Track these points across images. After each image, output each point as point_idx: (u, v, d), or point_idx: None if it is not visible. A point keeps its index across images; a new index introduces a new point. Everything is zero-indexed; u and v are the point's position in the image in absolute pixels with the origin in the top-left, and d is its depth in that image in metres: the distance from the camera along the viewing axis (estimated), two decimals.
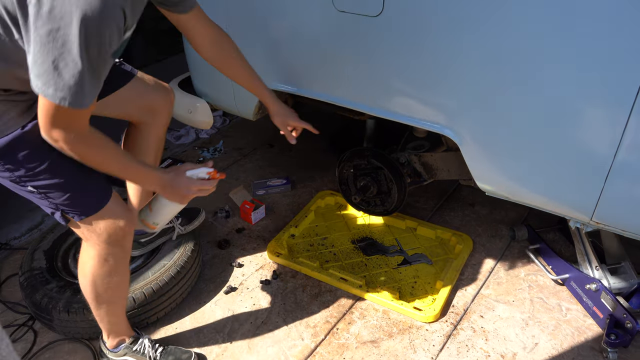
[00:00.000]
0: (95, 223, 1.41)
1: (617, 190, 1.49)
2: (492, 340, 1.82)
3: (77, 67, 1.04)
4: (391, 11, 1.63)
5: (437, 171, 2.16)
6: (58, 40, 1.01)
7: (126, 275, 1.57)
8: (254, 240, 2.31)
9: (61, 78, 1.05)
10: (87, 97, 1.11)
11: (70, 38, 1.01)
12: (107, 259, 1.47)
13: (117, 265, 1.50)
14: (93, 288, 1.52)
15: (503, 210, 2.45)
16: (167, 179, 1.43)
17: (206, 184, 1.47)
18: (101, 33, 1.04)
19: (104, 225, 1.41)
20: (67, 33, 1.01)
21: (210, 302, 1.99)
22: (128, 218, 1.45)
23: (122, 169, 1.37)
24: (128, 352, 1.68)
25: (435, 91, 1.70)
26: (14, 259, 2.20)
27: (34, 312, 1.83)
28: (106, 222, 1.41)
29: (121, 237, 1.46)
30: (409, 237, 2.29)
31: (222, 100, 2.29)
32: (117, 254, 1.48)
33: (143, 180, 1.48)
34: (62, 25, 1.00)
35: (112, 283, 1.52)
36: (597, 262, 1.87)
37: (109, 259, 1.47)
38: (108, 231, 1.42)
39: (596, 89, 1.40)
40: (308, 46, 1.90)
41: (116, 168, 1.35)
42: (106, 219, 1.41)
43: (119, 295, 1.58)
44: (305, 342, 1.82)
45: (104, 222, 1.41)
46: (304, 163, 2.82)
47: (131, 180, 1.45)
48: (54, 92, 1.06)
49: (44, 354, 1.79)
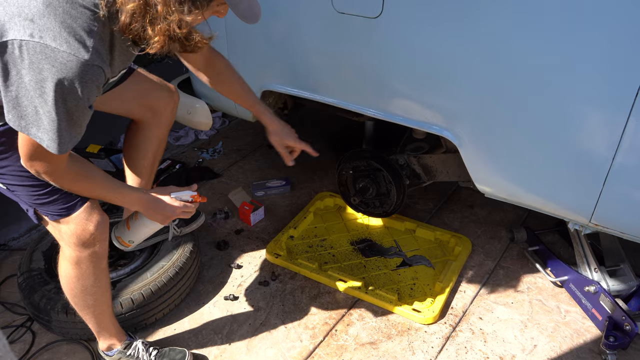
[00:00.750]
0: (65, 226, 1.38)
1: (616, 192, 1.49)
2: (490, 342, 1.82)
3: (53, 119, 1.09)
4: (391, 13, 1.63)
5: (436, 173, 2.16)
6: (37, 90, 1.06)
7: (101, 280, 1.52)
8: (253, 241, 2.30)
9: (41, 122, 1.10)
10: (66, 145, 1.15)
11: (45, 91, 1.06)
12: (79, 263, 1.44)
13: (89, 269, 1.46)
14: (69, 290, 1.51)
15: (502, 212, 2.45)
16: (151, 199, 1.46)
17: (189, 207, 1.51)
18: (77, 91, 1.08)
19: (73, 228, 1.38)
20: (43, 87, 1.05)
21: (208, 304, 1.99)
22: (102, 224, 1.42)
23: (104, 194, 1.40)
24: (122, 356, 1.67)
25: (434, 93, 1.70)
26: (12, 259, 2.19)
27: (32, 313, 1.83)
28: (75, 226, 1.38)
29: (91, 242, 1.42)
30: (408, 239, 2.29)
31: (221, 101, 2.29)
32: (89, 259, 1.44)
33: (127, 203, 1.48)
34: (39, 79, 1.05)
35: (86, 287, 1.49)
36: (596, 264, 1.87)
37: (81, 263, 1.45)
38: (77, 235, 1.39)
39: (595, 91, 1.41)
40: (307, 47, 1.90)
41: (98, 194, 1.39)
42: (76, 223, 1.38)
43: (95, 299, 1.53)
44: (303, 344, 1.82)
45: (74, 226, 1.38)
46: (303, 164, 2.82)
47: (115, 203, 1.45)
48: (36, 132, 1.11)
49: (42, 355, 1.79)
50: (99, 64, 1.09)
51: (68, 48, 1.04)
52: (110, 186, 1.39)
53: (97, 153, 2.48)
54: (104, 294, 1.56)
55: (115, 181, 1.41)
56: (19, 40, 1.03)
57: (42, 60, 1.03)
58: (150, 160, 1.82)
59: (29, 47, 1.03)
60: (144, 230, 1.62)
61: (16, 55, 1.04)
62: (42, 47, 1.03)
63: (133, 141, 1.79)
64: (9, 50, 1.04)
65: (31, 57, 1.03)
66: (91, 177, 1.35)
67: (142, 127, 1.76)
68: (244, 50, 2.06)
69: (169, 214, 1.49)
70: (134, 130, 1.78)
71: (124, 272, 1.90)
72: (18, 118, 1.10)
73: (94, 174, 1.35)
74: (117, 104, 1.65)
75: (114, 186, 1.40)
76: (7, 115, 1.11)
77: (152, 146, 1.80)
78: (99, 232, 1.42)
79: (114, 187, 1.40)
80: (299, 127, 1.85)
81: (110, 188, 1.39)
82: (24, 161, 1.20)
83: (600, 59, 1.36)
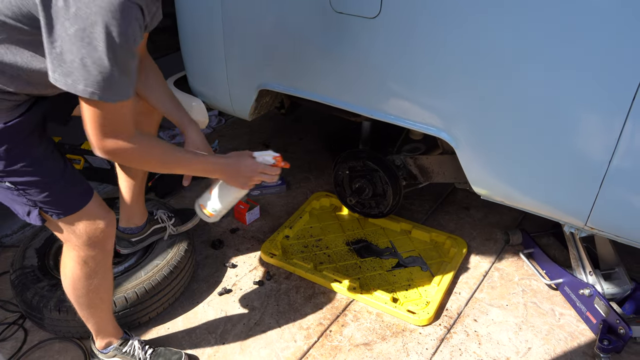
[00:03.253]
0: (74, 224, 1.37)
1: (612, 195, 1.50)
2: (485, 344, 1.82)
3: (103, 65, 1.06)
4: (388, 13, 1.63)
5: (433, 174, 2.16)
6: (84, 39, 1.04)
7: (108, 277, 1.52)
8: (248, 240, 2.30)
9: (90, 74, 1.07)
10: (117, 93, 1.12)
11: (95, 37, 1.04)
12: (87, 262, 1.43)
13: (97, 267, 1.46)
14: (74, 290, 1.50)
15: (498, 214, 2.45)
16: (228, 163, 1.45)
17: (270, 169, 1.47)
18: (124, 32, 1.06)
19: (83, 226, 1.37)
20: (93, 32, 1.03)
21: (203, 303, 1.98)
22: (108, 219, 1.41)
23: (179, 165, 1.37)
24: (117, 353, 1.66)
25: (431, 94, 1.70)
26: (5, 256, 2.18)
27: (24, 310, 1.82)
28: (86, 223, 1.38)
29: (101, 239, 1.41)
30: (404, 240, 2.29)
31: (218, 99, 2.28)
32: (97, 257, 1.44)
33: (204, 169, 1.45)
34: (87, 26, 1.03)
35: (93, 285, 1.48)
36: (591, 267, 1.88)
37: (89, 262, 1.43)
38: (87, 233, 1.38)
39: (592, 94, 1.41)
40: (305, 47, 1.89)
41: (173, 166, 1.37)
42: (86, 220, 1.37)
43: (101, 297, 1.53)
44: (298, 344, 1.81)
45: (84, 223, 1.37)
46: (299, 164, 2.82)
47: (192, 173, 1.43)
48: (84, 88, 1.08)
49: (34, 352, 1.78)
50: (139, 2, 1.08)
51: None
52: (184, 154, 1.36)
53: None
54: (109, 291, 1.56)
55: (186, 150, 1.37)
56: None
57: (89, 4, 1.01)
58: None
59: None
60: (226, 197, 1.56)
61: (60, 6, 1.03)
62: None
63: None
64: (52, 2, 1.03)
65: (77, 4, 1.01)
66: (160, 147, 1.30)
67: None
68: (241, 49, 2.05)
69: (250, 175, 1.46)
70: None
71: (118, 270, 1.89)
72: (64, 76, 1.08)
73: (163, 144, 1.30)
74: None
75: (188, 154, 1.36)
76: (53, 75, 1.09)
77: None
78: (110, 228, 1.42)
79: (187, 155, 1.37)
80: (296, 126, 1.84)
81: (184, 156, 1.36)
82: (97, 146, 1.19)
83: (598, 62, 1.36)
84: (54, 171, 1.31)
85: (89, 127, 1.16)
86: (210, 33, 2.09)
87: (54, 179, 1.31)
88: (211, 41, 2.11)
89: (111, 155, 1.22)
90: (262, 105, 2.21)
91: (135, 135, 1.23)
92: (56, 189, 1.32)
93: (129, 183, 1.84)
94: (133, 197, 1.86)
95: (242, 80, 2.13)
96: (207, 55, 2.18)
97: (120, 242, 1.93)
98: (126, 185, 1.85)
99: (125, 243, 1.94)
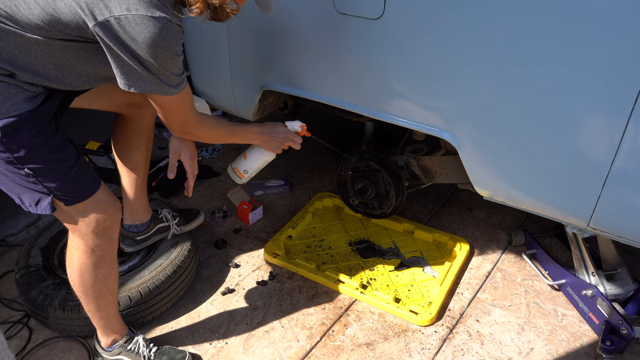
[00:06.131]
0: (85, 210, 1.42)
1: (615, 196, 1.50)
2: (487, 344, 1.82)
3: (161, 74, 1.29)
4: (392, 14, 1.63)
5: (436, 175, 2.16)
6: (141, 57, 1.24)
7: (114, 267, 1.57)
8: (251, 240, 2.30)
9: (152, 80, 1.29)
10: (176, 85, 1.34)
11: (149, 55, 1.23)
12: (94, 250, 1.48)
13: (104, 256, 1.50)
14: (81, 281, 1.52)
15: (500, 214, 2.45)
16: (268, 129, 1.76)
17: (296, 137, 1.78)
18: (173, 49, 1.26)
19: (93, 212, 1.42)
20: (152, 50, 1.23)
21: (206, 302, 1.98)
22: (116, 207, 1.48)
23: (231, 134, 1.69)
24: (122, 351, 1.67)
25: (434, 95, 1.70)
26: (10, 255, 2.19)
27: (29, 309, 1.83)
28: (96, 210, 1.43)
29: (109, 227, 1.47)
30: (406, 240, 2.29)
31: (222, 100, 2.29)
32: (104, 245, 1.49)
33: (247, 137, 1.74)
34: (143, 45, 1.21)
35: (100, 275, 1.52)
36: (594, 268, 1.88)
37: (96, 250, 1.48)
38: (97, 219, 1.43)
39: (595, 95, 1.41)
40: (308, 48, 1.90)
41: (227, 136, 1.68)
42: (96, 206, 1.43)
43: (107, 288, 1.57)
44: (300, 344, 1.82)
45: (94, 210, 1.42)
46: (303, 164, 2.82)
47: (238, 141, 1.71)
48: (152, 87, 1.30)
49: (39, 351, 1.79)
50: (178, 22, 1.26)
51: (157, 13, 1.19)
52: (234, 126, 1.69)
53: (97, 150, 2.48)
54: (115, 282, 1.60)
55: (229, 122, 1.71)
56: (117, 15, 1.17)
57: (142, 29, 1.18)
58: (144, 151, 1.84)
59: (129, 20, 1.17)
60: (259, 159, 1.85)
61: (116, 30, 1.18)
62: (140, 18, 1.18)
63: (123, 137, 1.81)
64: (110, 26, 1.18)
65: (133, 28, 1.18)
66: (215, 120, 1.62)
67: (129, 120, 1.78)
68: (245, 50, 2.06)
69: (282, 140, 1.76)
70: (121, 126, 1.80)
71: (122, 269, 1.90)
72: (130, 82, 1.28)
73: (216, 119, 1.62)
74: (105, 101, 1.67)
75: (236, 125, 1.70)
76: (120, 82, 1.28)
77: (143, 137, 1.82)
78: (117, 215, 1.49)
79: (235, 125, 1.70)
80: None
81: (232, 128, 1.68)
82: (183, 132, 1.54)
83: (600, 63, 1.36)
84: (71, 158, 1.37)
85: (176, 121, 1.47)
86: (214, 34, 2.10)
87: (70, 166, 1.36)
88: (215, 42, 2.12)
89: (192, 136, 1.59)
90: (265, 105, 2.22)
91: (200, 117, 1.53)
92: (71, 176, 1.36)
93: (131, 177, 1.86)
94: (136, 191, 1.88)
95: (245, 81, 2.14)
96: (210, 56, 2.19)
97: (124, 240, 1.94)
98: (128, 181, 1.87)
99: (130, 241, 1.95)
